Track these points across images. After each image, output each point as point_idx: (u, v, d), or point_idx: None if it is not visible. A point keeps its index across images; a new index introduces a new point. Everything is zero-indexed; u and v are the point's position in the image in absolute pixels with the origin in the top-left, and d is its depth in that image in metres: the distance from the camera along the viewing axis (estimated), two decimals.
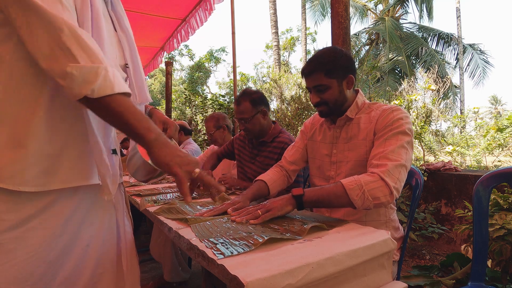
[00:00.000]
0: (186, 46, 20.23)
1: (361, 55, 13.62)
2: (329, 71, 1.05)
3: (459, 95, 12.27)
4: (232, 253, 0.60)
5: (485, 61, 12.29)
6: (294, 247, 0.64)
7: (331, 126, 1.17)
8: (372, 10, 14.27)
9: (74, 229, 0.71)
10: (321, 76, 1.06)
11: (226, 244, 0.65)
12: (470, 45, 12.65)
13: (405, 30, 12.82)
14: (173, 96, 9.92)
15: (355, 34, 13.83)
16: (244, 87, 19.04)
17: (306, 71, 1.10)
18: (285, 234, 0.72)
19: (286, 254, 0.60)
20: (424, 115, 4.06)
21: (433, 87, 4.56)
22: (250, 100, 1.59)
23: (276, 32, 12.86)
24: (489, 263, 1.52)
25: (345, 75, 1.08)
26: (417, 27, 13.03)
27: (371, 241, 0.68)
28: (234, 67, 3.66)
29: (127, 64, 0.87)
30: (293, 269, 0.53)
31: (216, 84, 21.72)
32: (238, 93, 1.71)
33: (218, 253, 0.60)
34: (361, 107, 1.12)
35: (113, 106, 0.60)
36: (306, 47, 15.11)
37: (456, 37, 12.57)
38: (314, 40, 21.22)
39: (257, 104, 1.61)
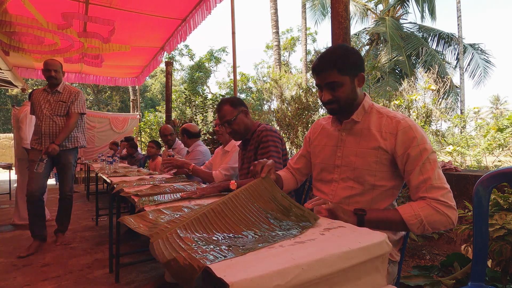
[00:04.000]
0: (186, 46, 20.23)
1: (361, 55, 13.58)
2: (342, 67, 1.02)
3: (459, 95, 12.25)
4: (217, 258, 0.57)
5: (486, 61, 12.26)
6: (284, 248, 0.63)
7: (336, 128, 1.15)
8: (372, 10, 14.25)
9: None
10: (334, 73, 1.02)
11: (211, 252, 0.60)
12: (470, 45, 12.62)
13: (405, 30, 12.80)
14: (173, 96, 9.91)
15: (355, 34, 13.81)
16: (244, 87, 19.05)
17: (318, 68, 1.06)
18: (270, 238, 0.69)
19: (275, 255, 0.59)
20: (424, 115, 4.05)
21: (433, 87, 4.55)
22: (230, 103, 1.69)
23: (277, 32, 12.86)
24: (489, 263, 1.52)
25: (357, 72, 1.05)
26: (417, 27, 13.00)
27: (365, 243, 0.66)
28: (234, 67, 3.66)
29: None
30: (282, 270, 0.52)
31: (216, 84, 21.73)
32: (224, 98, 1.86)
33: (206, 261, 0.56)
34: (368, 110, 1.10)
35: None
36: (306, 47, 15.10)
37: (457, 37, 12.55)
38: (314, 40, 21.22)
39: (237, 105, 1.70)
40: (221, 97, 6.10)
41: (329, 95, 1.06)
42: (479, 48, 12.49)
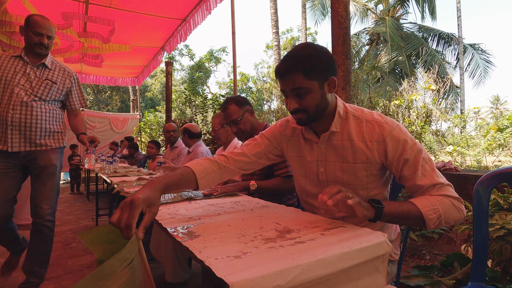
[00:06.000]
0: (186, 46, 20.24)
1: (361, 55, 13.61)
2: (309, 70, 0.89)
3: (459, 95, 12.26)
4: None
5: (486, 61, 12.27)
6: (284, 248, 0.63)
7: (312, 139, 1.04)
8: (372, 10, 14.25)
9: None
10: (300, 77, 0.89)
11: None
12: (470, 45, 12.63)
13: (405, 30, 12.81)
14: (173, 96, 9.92)
15: (355, 34, 13.80)
16: (244, 87, 19.05)
17: (282, 71, 0.92)
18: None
19: (276, 255, 0.59)
20: (424, 115, 4.06)
21: (433, 87, 4.56)
22: (235, 102, 1.64)
23: (277, 32, 12.85)
24: (489, 263, 1.52)
25: (327, 76, 0.92)
26: (417, 27, 13.02)
27: (365, 243, 0.66)
28: (234, 67, 3.66)
29: None
30: (282, 270, 0.52)
31: (216, 84, 21.72)
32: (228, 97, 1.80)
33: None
34: (343, 116, 0.99)
35: None
36: None
37: (457, 37, 12.56)
38: (314, 40, 21.22)
39: (243, 104, 1.65)
40: (221, 97, 6.09)
41: (295, 103, 0.93)
42: (479, 48, 12.50)
